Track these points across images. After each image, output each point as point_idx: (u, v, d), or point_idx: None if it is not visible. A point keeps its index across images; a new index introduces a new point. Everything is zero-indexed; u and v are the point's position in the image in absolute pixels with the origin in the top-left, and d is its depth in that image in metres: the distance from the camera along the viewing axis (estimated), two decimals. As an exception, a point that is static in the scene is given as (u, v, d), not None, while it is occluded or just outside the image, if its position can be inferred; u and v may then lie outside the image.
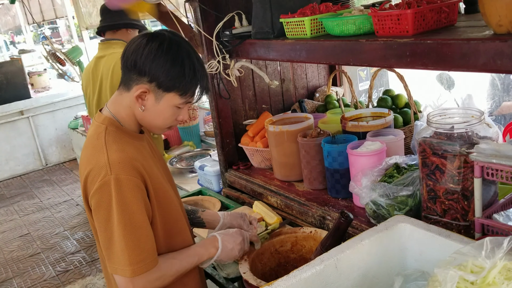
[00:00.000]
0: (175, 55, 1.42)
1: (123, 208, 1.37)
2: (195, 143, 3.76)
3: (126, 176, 1.38)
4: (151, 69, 1.41)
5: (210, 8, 2.18)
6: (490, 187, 1.41)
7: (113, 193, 1.36)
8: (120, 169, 1.38)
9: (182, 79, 1.43)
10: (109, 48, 2.89)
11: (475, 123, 1.38)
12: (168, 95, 1.45)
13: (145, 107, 1.47)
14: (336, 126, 2.17)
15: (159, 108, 1.47)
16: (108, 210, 1.37)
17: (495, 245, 0.97)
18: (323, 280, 1.19)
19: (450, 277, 0.95)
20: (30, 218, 5.49)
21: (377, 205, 1.61)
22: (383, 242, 1.29)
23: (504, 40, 1.10)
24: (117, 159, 1.40)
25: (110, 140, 1.44)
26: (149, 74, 1.41)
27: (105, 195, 1.37)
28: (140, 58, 1.41)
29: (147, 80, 1.42)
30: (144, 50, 1.41)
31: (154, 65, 1.41)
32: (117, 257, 1.38)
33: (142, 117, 1.50)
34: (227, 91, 2.36)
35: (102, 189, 1.37)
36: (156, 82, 1.42)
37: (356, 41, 1.51)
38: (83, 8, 6.09)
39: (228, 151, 2.49)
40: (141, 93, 1.44)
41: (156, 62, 1.41)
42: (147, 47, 1.41)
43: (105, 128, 1.47)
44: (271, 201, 2.17)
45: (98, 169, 1.39)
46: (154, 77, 1.42)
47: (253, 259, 1.71)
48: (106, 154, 1.40)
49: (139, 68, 1.42)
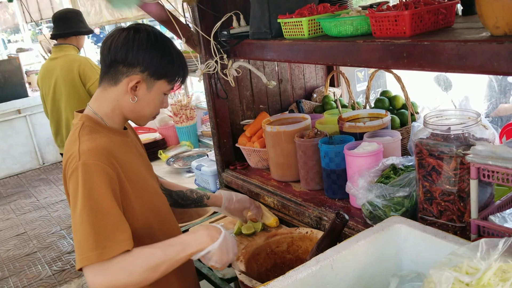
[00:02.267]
0: (163, 45, 1.50)
1: (89, 193, 1.34)
2: (192, 143, 3.76)
3: (94, 161, 1.38)
4: (144, 59, 1.46)
5: (208, 8, 2.17)
6: (486, 189, 1.41)
7: (79, 178, 1.35)
8: (89, 155, 1.38)
9: (171, 66, 1.52)
10: (61, 51, 3.63)
11: (471, 125, 1.38)
12: (159, 82, 1.51)
13: (137, 97, 1.50)
14: (333, 127, 2.17)
15: (150, 97, 1.52)
16: (75, 197, 1.35)
17: (490, 247, 0.97)
18: (319, 281, 1.19)
19: (445, 278, 0.95)
20: (26, 217, 5.48)
21: (374, 206, 1.61)
22: (379, 243, 1.29)
23: (501, 42, 1.10)
24: (87, 147, 1.41)
25: (84, 133, 1.46)
26: (142, 64, 1.46)
27: (74, 181, 1.36)
28: (131, 50, 1.45)
29: (140, 70, 1.47)
30: (134, 43, 1.46)
31: (147, 55, 1.46)
32: (82, 245, 1.30)
33: (132, 109, 1.53)
34: (225, 91, 2.35)
35: (72, 176, 1.37)
36: (149, 71, 1.48)
37: (353, 42, 1.51)
38: (81, 7, 6.08)
39: (225, 151, 2.48)
40: (132, 82, 1.47)
41: (149, 52, 1.47)
42: (135, 39, 1.46)
43: (81, 123, 1.49)
44: (268, 202, 2.17)
45: (71, 159, 1.41)
46: (148, 67, 1.47)
47: (249, 259, 1.70)
48: (78, 145, 1.41)
49: (131, 60, 1.46)
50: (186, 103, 3.75)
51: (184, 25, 2.25)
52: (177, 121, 3.76)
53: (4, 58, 8.51)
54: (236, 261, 1.68)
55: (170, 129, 3.87)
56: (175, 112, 3.73)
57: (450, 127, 1.40)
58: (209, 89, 2.35)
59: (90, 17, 5.95)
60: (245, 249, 1.76)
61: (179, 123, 3.76)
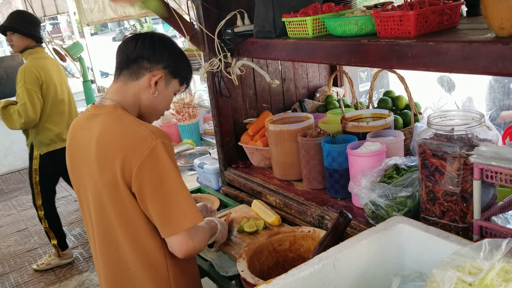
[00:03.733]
0: (180, 50, 1.69)
1: (174, 169, 1.48)
2: (195, 141, 3.76)
3: (167, 141, 1.51)
4: (169, 57, 1.63)
5: (212, 6, 2.18)
6: (489, 190, 1.41)
7: (163, 156, 1.45)
8: (161, 135, 1.50)
9: (186, 67, 1.70)
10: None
11: (475, 126, 1.39)
12: (174, 81, 1.67)
13: (158, 92, 1.63)
14: (336, 126, 2.17)
15: (167, 93, 1.67)
16: (161, 173, 1.45)
17: (493, 247, 0.97)
18: (321, 279, 1.20)
19: (448, 278, 0.95)
20: (27, 213, 5.48)
21: (376, 205, 1.61)
22: (382, 243, 1.30)
23: (506, 43, 1.10)
24: (155, 128, 1.52)
25: (135, 119, 1.54)
26: (165, 61, 1.62)
27: (156, 159, 1.45)
28: (158, 48, 1.61)
29: (162, 67, 1.62)
30: (160, 43, 1.63)
31: (170, 55, 1.64)
32: (175, 214, 1.46)
33: (149, 103, 1.64)
34: (228, 89, 2.36)
35: (152, 155, 1.44)
36: (169, 69, 1.63)
37: (358, 41, 1.51)
38: (84, 4, 6.09)
39: (227, 150, 2.49)
40: (156, 76, 1.60)
41: (171, 53, 1.64)
42: (161, 40, 1.64)
43: (122, 111, 1.56)
44: (270, 200, 2.17)
45: (140, 140, 1.46)
46: (169, 64, 1.63)
47: (251, 257, 1.71)
48: (143, 127, 1.50)
49: (156, 57, 1.61)
50: (189, 101, 3.76)
51: (188, 23, 2.25)
52: (180, 119, 3.76)
53: (7, 54, 8.50)
54: (239, 258, 1.68)
55: (172, 127, 3.88)
56: (178, 110, 3.73)
57: (454, 128, 1.40)
58: (213, 87, 2.35)
59: (94, 14, 5.95)
60: (247, 246, 1.76)
61: (182, 121, 3.76)
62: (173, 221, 1.46)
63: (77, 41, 5.77)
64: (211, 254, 1.91)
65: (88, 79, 5.55)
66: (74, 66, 5.44)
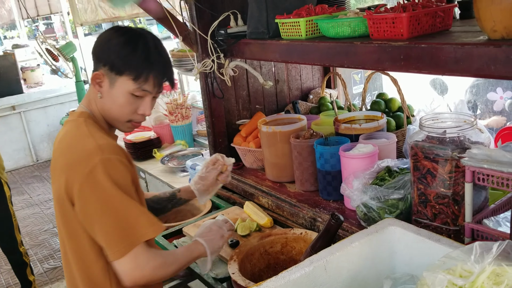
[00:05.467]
0: (128, 38, 1.44)
1: (117, 189, 1.35)
2: (188, 142, 3.74)
3: (115, 156, 1.39)
4: (104, 52, 1.44)
5: (205, 6, 2.17)
6: (481, 193, 1.41)
7: (103, 177, 1.34)
8: (110, 150, 1.39)
9: (132, 60, 1.42)
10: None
11: (467, 128, 1.38)
12: (121, 78, 1.44)
13: (102, 94, 1.47)
14: (329, 128, 2.17)
15: (113, 94, 1.45)
16: (102, 194, 1.35)
17: (484, 250, 0.97)
18: (312, 282, 1.19)
19: (438, 281, 0.94)
20: (19, 214, 5.44)
21: (368, 207, 1.61)
22: (373, 245, 1.29)
23: (498, 46, 1.10)
24: (106, 142, 1.41)
25: (92, 130, 1.45)
26: (103, 58, 1.44)
27: (96, 180, 1.34)
28: (99, 45, 1.47)
29: (103, 64, 1.44)
30: (102, 38, 1.48)
31: (106, 48, 1.44)
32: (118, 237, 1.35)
33: (101, 106, 1.49)
34: (221, 90, 2.35)
35: (91, 176, 1.34)
36: (109, 65, 1.43)
37: (350, 43, 1.51)
38: (78, 4, 6.05)
39: (220, 151, 2.47)
40: (95, 76, 1.45)
41: (109, 45, 1.44)
42: (104, 35, 1.48)
43: (84, 120, 1.47)
44: (262, 202, 2.16)
45: (85, 156, 1.37)
46: (108, 60, 1.43)
47: (242, 259, 1.70)
48: (93, 140, 1.40)
49: (98, 55, 1.46)
50: (182, 102, 3.74)
51: (182, 24, 2.25)
52: (173, 120, 3.74)
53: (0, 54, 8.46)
54: (230, 261, 1.67)
55: (165, 128, 3.86)
56: (171, 111, 3.72)
57: (446, 130, 1.40)
58: (205, 88, 2.34)
59: (87, 14, 5.92)
60: (238, 249, 1.75)
61: (175, 122, 3.74)
62: (116, 244, 1.34)
63: (70, 41, 5.74)
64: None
65: (81, 79, 5.52)
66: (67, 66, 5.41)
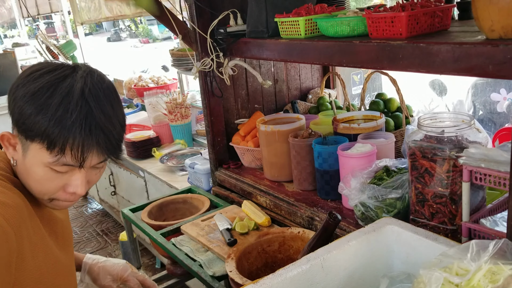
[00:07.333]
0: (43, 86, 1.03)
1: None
2: (187, 142, 3.75)
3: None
4: (10, 105, 1.07)
5: (205, 5, 2.17)
6: (478, 192, 1.41)
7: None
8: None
9: (41, 121, 1.02)
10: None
11: (465, 128, 1.39)
12: (32, 146, 1.06)
13: (17, 161, 1.11)
14: (327, 128, 2.17)
15: (27, 163, 1.08)
16: None
17: (480, 248, 0.97)
18: (309, 280, 1.19)
19: (435, 279, 0.95)
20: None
21: (366, 207, 1.61)
22: (370, 244, 1.29)
23: (496, 45, 1.10)
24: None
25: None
26: (11, 113, 1.08)
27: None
28: (9, 91, 1.09)
29: (12, 122, 1.09)
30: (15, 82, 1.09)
31: (12, 100, 1.06)
32: None
33: (19, 175, 1.13)
34: (220, 89, 2.35)
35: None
36: (16, 123, 1.07)
37: (349, 42, 1.51)
38: (81, 2, 6.05)
39: (219, 150, 2.48)
40: (3, 138, 1.11)
41: (16, 95, 1.05)
42: (20, 76, 1.09)
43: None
44: (260, 201, 2.16)
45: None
46: (13, 117, 1.08)
47: (240, 258, 1.70)
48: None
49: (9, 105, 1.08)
50: (181, 101, 3.75)
51: (181, 22, 2.25)
52: (172, 119, 3.75)
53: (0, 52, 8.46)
54: (227, 259, 1.67)
55: (164, 127, 3.86)
56: (170, 110, 3.72)
57: (444, 130, 1.40)
58: (204, 87, 2.34)
59: (90, 12, 5.92)
60: (236, 247, 1.75)
61: (174, 121, 3.75)
62: None
63: (70, 40, 5.75)
64: (199, 255, 1.90)
65: (80, 78, 5.51)
66: (67, 65, 5.40)
